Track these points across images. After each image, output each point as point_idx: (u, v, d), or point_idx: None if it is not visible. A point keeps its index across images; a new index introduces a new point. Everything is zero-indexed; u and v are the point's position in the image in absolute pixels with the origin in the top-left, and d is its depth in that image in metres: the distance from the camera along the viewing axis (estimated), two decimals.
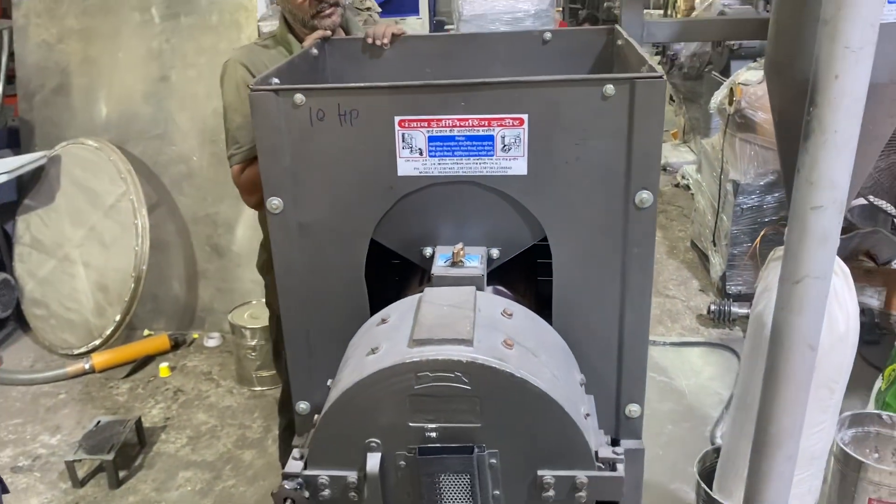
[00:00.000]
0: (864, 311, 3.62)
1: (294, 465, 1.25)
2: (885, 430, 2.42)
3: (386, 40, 1.82)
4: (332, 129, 1.35)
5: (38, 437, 3.18)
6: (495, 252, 1.43)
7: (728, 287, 4.01)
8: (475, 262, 1.38)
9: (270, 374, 3.48)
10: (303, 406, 1.57)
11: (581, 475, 1.19)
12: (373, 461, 1.20)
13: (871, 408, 2.67)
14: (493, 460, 1.19)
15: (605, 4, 10.22)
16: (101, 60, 3.79)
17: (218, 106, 3.61)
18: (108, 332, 3.63)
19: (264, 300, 2.33)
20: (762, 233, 2.94)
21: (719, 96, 4.01)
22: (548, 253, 1.43)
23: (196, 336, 3.94)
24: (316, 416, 1.30)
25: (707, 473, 2.24)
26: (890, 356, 2.70)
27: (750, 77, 3.88)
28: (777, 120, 1.68)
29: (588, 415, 1.27)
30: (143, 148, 3.79)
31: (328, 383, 1.37)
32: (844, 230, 3.72)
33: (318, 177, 1.39)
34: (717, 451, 2.26)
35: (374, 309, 1.44)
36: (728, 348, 3.62)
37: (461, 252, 1.36)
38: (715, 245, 4.23)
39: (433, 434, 1.19)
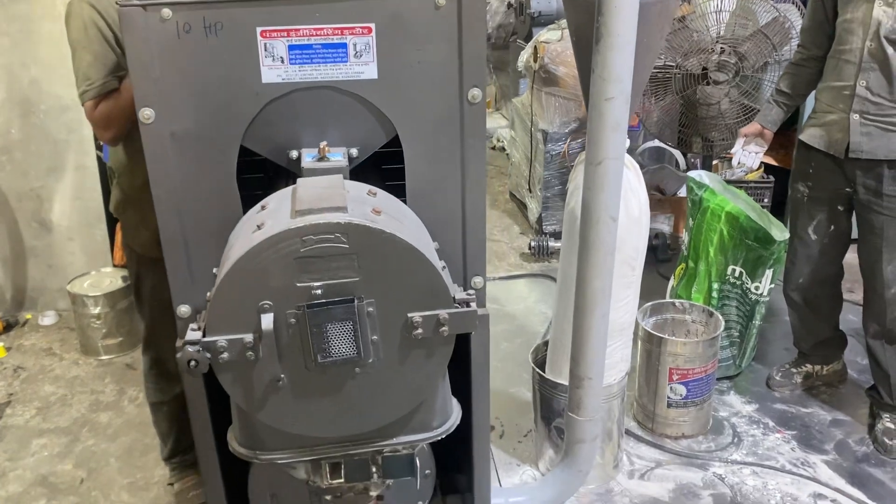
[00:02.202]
0: (658, 235, 4.21)
1: (193, 335, 1.40)
2: (678, 315, 2.92)
3: None
4: (199, 41, 1.50)
5: None
6: (354, 151, 1.64)
7: (544, 226, 4.47)
8: (339, 157, 1.59)
9: (117, 342, 3.46)
10: (184, 309, 1.68)
11: (443, 313, 1.44)
12: (266, 321, 1.38)
13: None
14: (371, 308, 1.41)
15: None
16: None
17: (36, 75, 3.57)
18: None
19: (121, 242, 2.37)
20: (567, 141, 3.33)
21: (525, 55, 4.44)
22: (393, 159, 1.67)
23: (29, 316, 3.80)
24: (208, 294, 1.46)
25: (539, 363, 2.59)
26: (678, 259, 3.21)
27: (550, 37, 4.34)
28: (574, 39, 2.04)
29: (444, 267, 1.53)
30: None
31: (213, 271, 1.53)
32: None
33: (186, 87, 1.53)
34: (545, 343, 2.61)
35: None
36: (549, 277, 4.06)
37: (325, 148, 1.57)
38: (531, 191, 4.67)
39: (319, 291, 1.39)
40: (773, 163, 4.25)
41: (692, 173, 3.11)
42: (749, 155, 2.98)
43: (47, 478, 2.69)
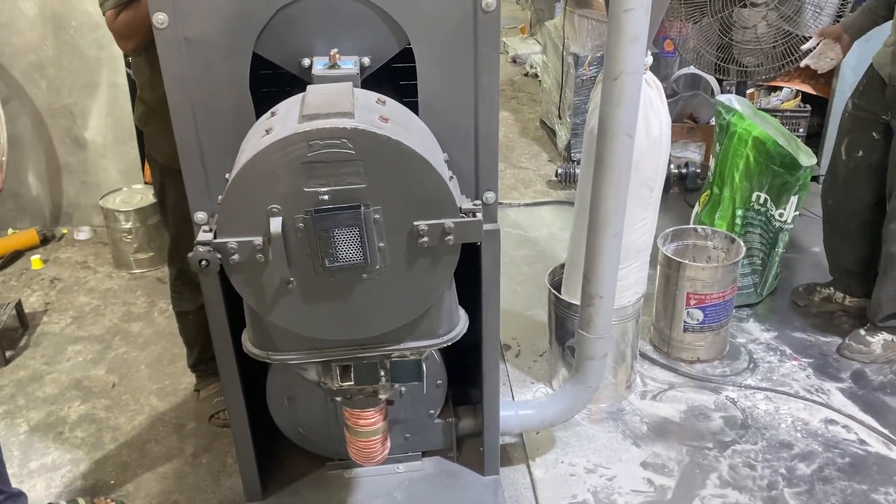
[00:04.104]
0: (689, 164, 4.14)
1: (205, 236, 1.44)
2: (700, 242, 2.90)
3: None
4: None
5: None
6: (366, 60, 1.64)
7: (573, 154, 4.43)
8: (350, 65, 1.59)
9: (148, 257, 3.57)
10: (200, 216, 1.73)
11: (448, 222, 1.46)
12: (275, 224, 1.41)
13: None
14: (377, 216, 1.44)
15: None
16: None
17: None
18: None
19: (147, 154, 2.41)
20: (588, 58, 3.26)
21: None
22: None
23: (65, 231, 3.92)
24: (220, 198, 1.49)
25: (556, 285, 2.61)
26: (704, 186, 3.16)
27: None
28: None
29: (452, 177, 1.54)
30: None
31: (226, 176, 1.56)
32: (670, 96, 4.18)
33: None
34: (562, 266, 2.62)
35: None
36: (573, 204, 4.03)
37: (336, 55, 1.57)
38: (560, 118, 4.61)
39: (326, 197, 1.41)
40: (812, 91, 4.13)
41: (721, 97, 3.03)
42: (824, 60, 2.87)
43: (81, 381, 2.82)
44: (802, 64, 3.00)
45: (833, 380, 2.70)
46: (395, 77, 1.74)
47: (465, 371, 2.17)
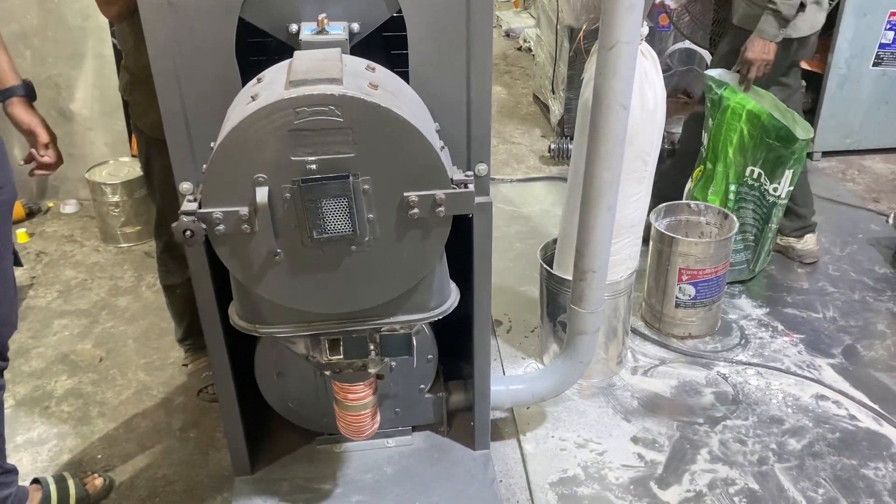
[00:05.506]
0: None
1: (189, 205, 1.41)
2: (693, 217, 2.88)
3: None
4: None
5: None
6: (355, 26, 1.59)
7: (566, 129, 4.39)
8: (338, 30, 1.55)
9: (136, 230, 3.52)
10: (186, 186, 1.69)
11: (440, 193, 1.43)
12: (261, 193, 1.38)
13: None
14: (367, 186, 1.40)
15: None
16: None
17: None
18: None
19: (132, 124, 2.36)
20: (583, 28, 3.22)
21: None
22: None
23: (51, 204, 3.86)
24: (205, 166, 1.45)
25: (548, 260, 2.59)
26: (697, 161, 3.13)
27: None
28: None
29: (443, 148, 1.50)
30: None
31: (211, 145, 1.52)
32: (664, 71, 4.14)
33: None
34: (555, 241, 2.60)
35: None
36: (566, 180, 4.00)
37: (324, 21, 1.52)
38: (554, 93, 4.56)
39: (313, 166, 1.38)
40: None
41: (711, 71, 2.98)
42: None
43: (68, 356, 2.79)
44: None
45: (824, 356, 2.70)
46: (385, 46, 1.70)
47: (456, 346, 2.15)
